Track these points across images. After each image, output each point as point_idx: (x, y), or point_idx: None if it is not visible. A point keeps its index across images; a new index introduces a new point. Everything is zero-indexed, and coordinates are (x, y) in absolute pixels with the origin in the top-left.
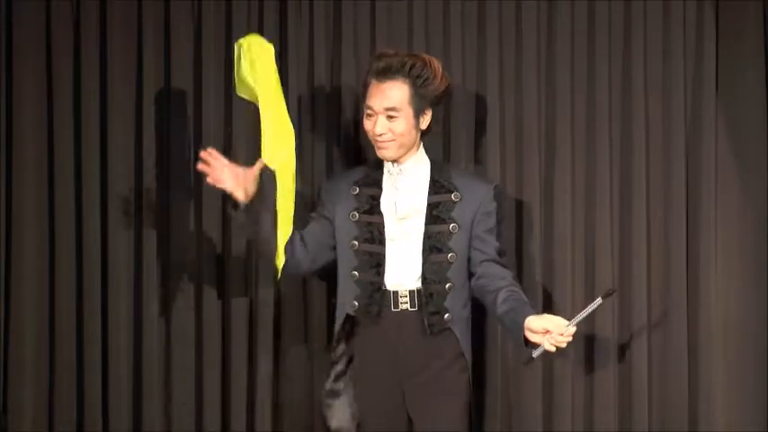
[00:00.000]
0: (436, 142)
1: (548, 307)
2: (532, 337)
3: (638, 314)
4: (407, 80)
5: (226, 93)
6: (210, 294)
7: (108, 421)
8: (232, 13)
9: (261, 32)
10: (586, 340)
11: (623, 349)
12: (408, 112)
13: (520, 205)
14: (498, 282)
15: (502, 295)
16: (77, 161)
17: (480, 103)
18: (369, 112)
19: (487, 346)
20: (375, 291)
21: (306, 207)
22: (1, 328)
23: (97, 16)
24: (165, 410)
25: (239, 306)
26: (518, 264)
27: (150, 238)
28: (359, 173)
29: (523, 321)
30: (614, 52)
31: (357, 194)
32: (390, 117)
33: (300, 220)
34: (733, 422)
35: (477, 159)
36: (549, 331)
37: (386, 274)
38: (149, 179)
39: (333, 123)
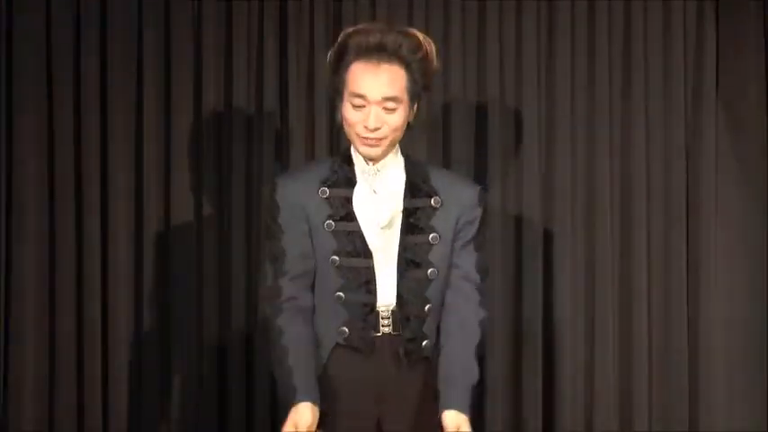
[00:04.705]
0: (436, 145)
1: (548, 308)
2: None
3: (638, 314)
4: (403, 63)
5: (225, 92)
6: (210, 293)
7: (108, 421)
8: (232, 13)
9: (261, 32)
10: (586, 340)
11: (623, 349)
12: (406, 102)
13: (520, 205)
14: (453, 327)
15: (447, 351)
16: (77, 161)
17: (480, 104)
18: (358, 102)
19: (486, 346)
20: (368, 313)
21: None
22: (1, 328)
23: (97, 16)
24: (165, 411)
25: (239, 305)
26: (518, 263)
27: (151, 237)
28: (323, 170)
29: (443, 410)
30: (614, 52)
31: (328, 198)
32: (388, 109)
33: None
34: (733, 422)
35: (477, 160)
36: None
37: (378, 292)
38: (149, 178)
39: (333, 124)
